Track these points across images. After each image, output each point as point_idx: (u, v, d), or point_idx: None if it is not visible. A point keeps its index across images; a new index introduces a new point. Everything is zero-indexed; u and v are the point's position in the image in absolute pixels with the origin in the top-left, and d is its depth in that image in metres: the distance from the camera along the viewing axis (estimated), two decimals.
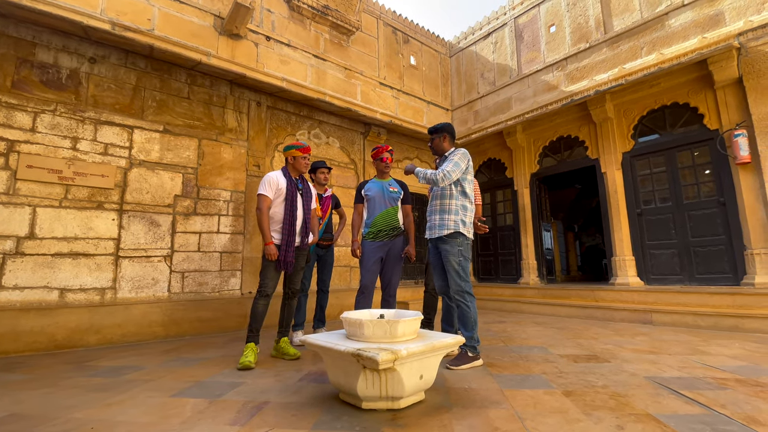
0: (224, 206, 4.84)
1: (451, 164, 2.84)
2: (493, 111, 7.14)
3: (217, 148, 4.89)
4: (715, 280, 4.72)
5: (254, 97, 5.28)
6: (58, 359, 3.21)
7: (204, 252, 4.61)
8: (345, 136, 6.25)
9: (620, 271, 5.39)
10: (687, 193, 5.10)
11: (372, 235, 3.47)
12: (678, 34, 5.08)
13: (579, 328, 4.36)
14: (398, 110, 6.84)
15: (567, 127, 6.27)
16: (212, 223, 4.72)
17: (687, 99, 5.09)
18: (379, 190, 3.55)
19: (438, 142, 3.10)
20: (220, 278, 4.68)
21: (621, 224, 5.47)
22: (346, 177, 6.14)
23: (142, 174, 4.31)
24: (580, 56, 6.07)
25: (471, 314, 2.76)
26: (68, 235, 3.85)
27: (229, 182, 4.91)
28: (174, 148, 4.56)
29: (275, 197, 3.04)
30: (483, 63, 7.50)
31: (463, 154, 2.89)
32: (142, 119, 4.40)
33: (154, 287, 4.24)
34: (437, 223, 2.92)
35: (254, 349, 2.86)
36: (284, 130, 5.57)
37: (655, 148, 5.38)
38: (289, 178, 3.13)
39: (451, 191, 2.90)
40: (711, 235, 4.82)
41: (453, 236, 2.83)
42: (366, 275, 3.40)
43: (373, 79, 6.52)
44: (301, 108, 5.73)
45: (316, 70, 5.66)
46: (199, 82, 4.85)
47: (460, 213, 2.87)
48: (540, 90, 6.49)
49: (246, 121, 5.19)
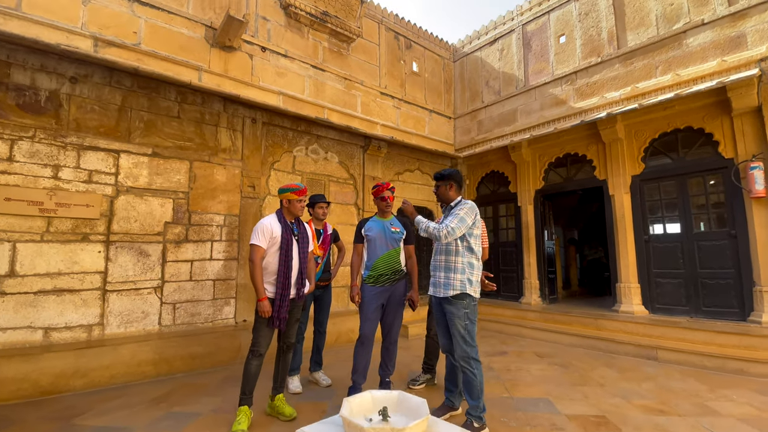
0: (217, 231, 4.63)
1: (456, 219, 2.64)
2: (498, 122, 6.89)
3: (210, 170, 4.64)
4: (721, 314, 4.61)
5: (249, 114, 5.01)
6: (42, 411, 3.06)
7: (196, 281, 4.42)
8: (344, 150, 6.01)
9: (625, 299, 5.28)
10: (697, 223, 4.95)
11: (372, 279, 3.30)
12: (696, 54, 4.83)
13: (584, 367, 4.25)
14: (399, 121, 6.57)
15: (574, 145, 6.05)
16: (205, 250, 4.52)
17: (702, 124, 4.87)
18: (380, 231, 3.37)
19: (444, 191, 2.90)
20: (213, 307, 4.51)
21: (627, 250, 5.33)
22: (345, 193, 5.93)
23: (129, 201, 4.08)
24: (590, 71, 5.81)
25: (477, 382, 2.62)
26: (51, 271, 3.64)
27: (222, 206, 4.69)
28: (164, 172, 4.31)
29: (269, 246, 2.84)
30: (488, 70, 7.20)
31: (470, 209, 2.70)
32: (129, 142, 4.14)
33: (144, 321, 4.07)
34: (442, 281, 2.74)
35: (248, 414, 2.71)
36: (281, 147, 5.32)
37: (666, 173, 5.19)
38: (285, 223, 2.93)
39: (456, 247, 2.71)
40: (720, 268, 4.69)
41: (459, 297, 2.66)
42: (366, 324, 3.24)
43: (374, 88, 6.24)
44: (298, 123, 5.46)
45: (314, 82, 5.38)
46: (190, 99, 4.57)
47: (467, 271, 2.69)
48: (547, 104, 6.24)
49: (240, 140, 4.93)
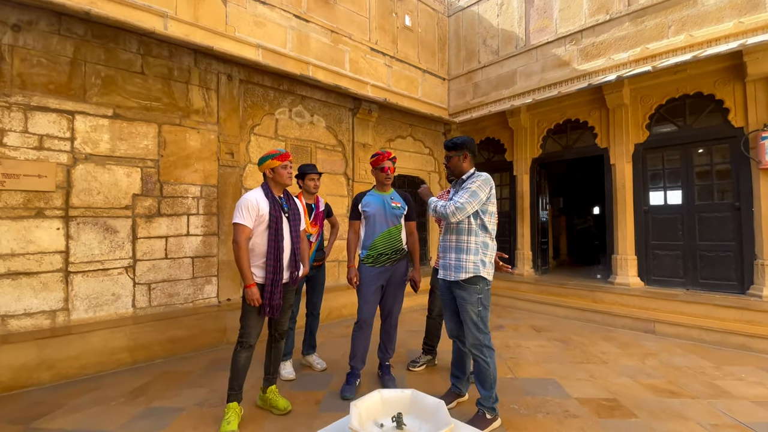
0: (194, 204, 4.18)
1: (467, 194, 2.33)
2: (495, 85, 6.46)
3: (182, 135, 4.12)
4: (719, 287, 4.58)
5: (224, 70, 4.43)
6: (2, 411, 2.71)
7: (172, 258, 4.02)
8: (332, 113, 5.50)
9: (620, 270, 5.20)
10: (700, 194, 4.80)
11: (371, 260, 3.00)
12: (711, 14, 4.47)
13: (584, 342, 4.17)
14: (391, 81, 6.06)
15: (576, 110, 5.73)
16: (180, 225, 4.09)
17: (713, 90, 4.61)
18: (380, 206, 3.03)
19: (457, 162, 2.55)
20: (193, 287, 4.15)
21: (626, 221, 5.19)
22: (333, 161, 5.49)
23: (90, 171, 3.57)
24: (597, 29, 5.39)
25: (490, 371, 2.41)
26: (3, 252, 3.17)
27: (198, 175, 4.22)
28: (128, 137, 3.78)
29: (256, 225, 2.47)
30: (486, 27, 6.66)
31: (483, 182, 2.38)
32: (85, 102, 3.56)
33: (116, 303, 3.69)
34: (452, 263, 2.46)
35: (237, 411, 2.44)
36: (261, 109, 4.78)
37: (671, 141, 4.98)
38: (272, 198, 2.54)
39: (469, 226, 2.41)
40: (720, 240, 4.61)
41: (472, 281, 2.40)
42: (364, 307, 2.97)
43: (364, 43, 5.66)
44: (280, 81, 4.90)
45: (297, 34, 4.79)
46: (155, 52, 3.96)
47: (480, 252, 2.42)
48: (549, 65, 5.83)
49: (215, 100, 4.37)
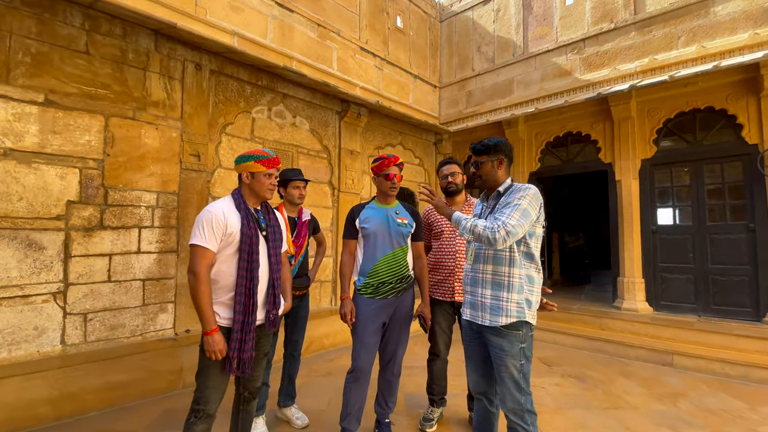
0: (147, 214, 3.45)
1: (517, 212, 1.78)
2: (490, 94, 6.09)
3: (135, 130, 3.40)
4: (733, 313, 4.26)
5: (192, 57, 3.76)
6: None
7: (118, 282, 3.26)
8: (316, 115, 4.90)
9: (627, 294, 4.82)
10: (711, 214, 4.52)
11: (371, 290, 2.40)
12: (724, 25, 4.26)
13: (601, 379, 3.70)
14: (381, 84, 5.56)
15: (577, 122, 5.41)
16: (130, 240, 3.34)
17: (725, 105, 4.37)
18: (383, 222, 2.45)
19: (490, 169, 2.01)
20: (143, 316, 3.38)
21: (633, 242, 4.84)
22: (317, 169, 4.87)
23: (9, 170, 2.79)
24: (601, 38, 5.11)
25: None
26: None
27: (154, 180, 3.49)
28: (64, 130, 3.03)
29: (222, 247, 1.83)
30: (481, 34, 6.32)
31: (534, 197, 1.86)
32: (8, 83, 2.80)
33: (38, 340, 2.88)
34: (488, 302, 1.90)
35: None
36: (235, 106, 4.13)
37: (680, 157, 4.70)
38: (246, 210, 1.91)
39: (511, 254, 1.87)
40: (733, 264, 4.31)
41: (513, 327, 1.84)
42: (362, 352, 2.35)
43: (353, 42, 5.15)
44: (259, 75, 4.27)
45: (279, 24, 4.21)
46: (105, 28, 3.25)
47: (525, 289, 1.87)
48: (550, 74, 5.51)
49: (179, 91, 3.69)
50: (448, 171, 2.86)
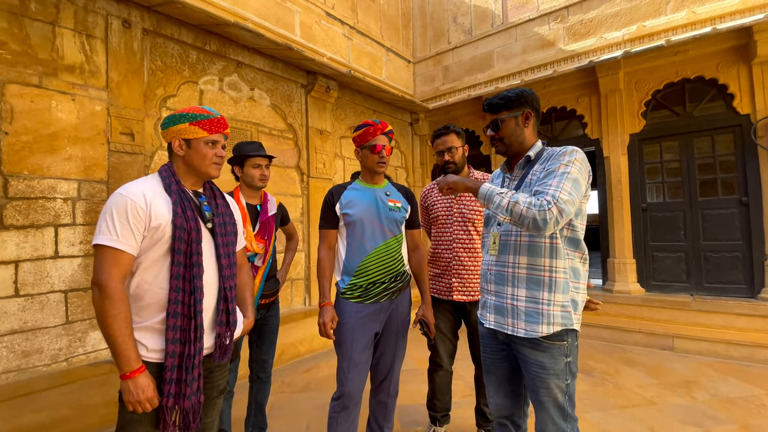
0: (66, 209, 2.73)
1: (568, 184, 1.31)
2: (469, 69, 5.66)
3: (44, 101, 2.65)
4: (727, 290, 4.12)
5: (117, 12, 3.01)
6: None
7: (29, 296, 2.54)
8: (279, 88, 4.24)
9: (619, 276, 4.59)
10: (702, 189, 4.34)
11: (359, 292, 1.89)
12: None
13: (606, 370, 3.42)
14: (351, 56, 4.97)
15: (562, 97, 5.08)
16: (43, 242, 2.62)
17: (716, 74, 4.16)
18: (370, 206, 1.94)
19: (513, 128, 1.54)
20: (67, 337, 2.69)
21: (623, 221, 4.60)
22: (282, 151, 4.24)
23: None
24: (585, 6, 4.79)
25: None
26: None
27: (73, 165, 2.77)
28: None
29: (146, 248, 1.25)
30: (456, 3, 5.84)
31: (583, 163, 1.41)
32: None
33: None
34: (522, 306, 1.43)
35: None
36: (178, 74, 3.41)
37: (670, 130, 4.48)
38: (180, 194, 1.33)
39: (553, 240, 1.41)
40: (726, 240, 4.16)
41: (558, 337, 1.40)
42: (350, 374, 1.83)
43: (318, 5, 4.52)
44: (206, 39, 3.56)
45: None
46: None
47: (571, 286, 1.43)
48: (532, 45, 5.14)
49: (103, 54, 2.95)
50: (444, 145, 2.39)
